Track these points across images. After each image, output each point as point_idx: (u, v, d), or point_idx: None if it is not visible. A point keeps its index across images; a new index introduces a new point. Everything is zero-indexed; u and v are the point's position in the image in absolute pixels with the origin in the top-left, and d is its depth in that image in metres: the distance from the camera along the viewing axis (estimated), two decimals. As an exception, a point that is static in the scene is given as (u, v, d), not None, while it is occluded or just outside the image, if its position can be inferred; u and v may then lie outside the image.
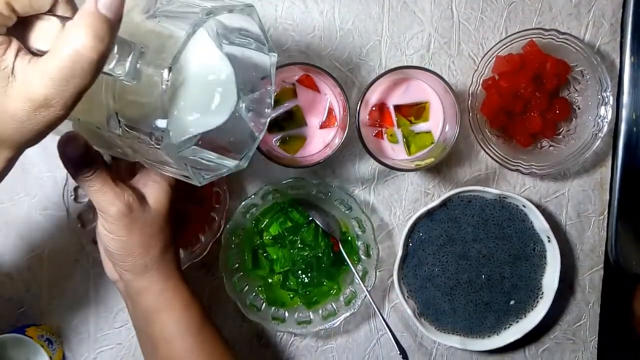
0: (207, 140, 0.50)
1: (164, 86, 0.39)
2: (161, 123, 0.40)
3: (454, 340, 0.70)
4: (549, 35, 0.66)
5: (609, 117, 0.67)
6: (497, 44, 0.67)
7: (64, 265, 0.69)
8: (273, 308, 0.68)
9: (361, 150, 0.64)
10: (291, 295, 0.69)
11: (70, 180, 0.65)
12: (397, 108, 0.67)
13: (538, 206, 0.69)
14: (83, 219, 0.65)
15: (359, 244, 0.69)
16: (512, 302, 0.70)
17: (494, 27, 0.70)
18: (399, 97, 0.67)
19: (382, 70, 0.69)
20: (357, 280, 0.68)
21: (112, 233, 0.50)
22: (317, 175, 0.70)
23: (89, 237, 0.65)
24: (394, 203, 0.71)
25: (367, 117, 0.67)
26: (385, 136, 0.67)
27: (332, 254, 0.68)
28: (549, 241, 0.69)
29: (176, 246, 0.56)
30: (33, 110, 0.35)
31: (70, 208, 0.65)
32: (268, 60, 0.52)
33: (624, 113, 0.71)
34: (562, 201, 0.73)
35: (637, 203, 0.73)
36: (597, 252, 0.73)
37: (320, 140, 0.66)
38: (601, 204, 0.73)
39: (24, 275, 0.68)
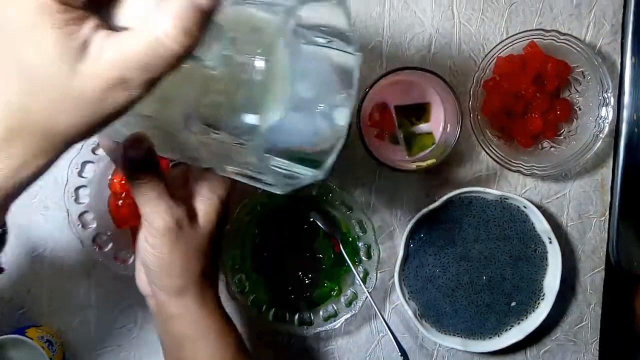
0: (282, 148, 0.45)
1: (260, 77, 0.34)
2: (251, 119, 0.35)
3: (455, 342, 0.70)
4: (549, 36, 0.66)
5: (610, 117, 0.67)
6: (498, 44, 0.67)
7: (65, 266, 0.68)
8: (274, 309, 0.68)
9: (362, 150, 0.64)
10: (292, 297, 0.69)
11: (71, 180, 0.65)
12: (398, 109, 0.67)
13: (539, 207, 0.69)
14: (84, 219, 0.65)
15: (360, 244, 0.69)
16: (513, 304, 0.70)
17: (494, 27, 0.70)
18: (400, 98, 0.67)
19: (383, 70, 0.69)
20: (358, 282, 0.68)
21: (153, 247, 0.47)
22: (318, 176, 0.70)
23: (89, 237, 0.65)
24: (395, 204, 0.71)
25: (368, 117, 0.67)
26: (386, 137, 0.67)
27: (333, 255, 0.68)
28: (550, 242, 0.69)
29: (216, 269, 0.52)
30: (105, 90, 0.31)
31: (71, 209, 0.65)
32: (352, 61, 0.45)
33: (625, 114, 0.71)
34: (563, 202, 0.72)
35: (639, 204, 0.73)
36: (599, 253, 0.73)
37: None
38: (602, 205, 0.73)
39: (24, 276, 0.68)
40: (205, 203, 0.48)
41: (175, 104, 0.38)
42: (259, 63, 0.34)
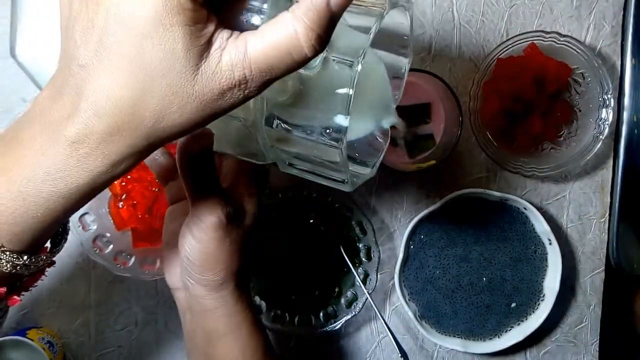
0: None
1: (356, 79, 0.35)
2: (342, 120, 0.36)
3: (455, 343, 0.70)
4: (549, 37, 0.66)
5: (610, 119, 0.67)
6: (498, 46, 0.67)
7: (65, 268, 0.69)
8: (273, 310, 0.68)
9: (362, 152, 0.64)
10: (292, 298, 0.69)
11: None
12: (399, 110, 0.67)
13: (539, 208, 0.69)
14: (84, 221, 0.65)
15: (360, 246, 0.69)
16: (513, 305, 0.70)
17: (494, 29, 0.70)
18: (400, 100, 0.67)
19: (383, 72, 0.69)
20: (358, 283, 0.68)
21: (200, 242, 0.46)
22: (318, 177, 0.70)
23: (90, 239, 0.65)
24: (395, 205, 0.71)
25: (368, 119, 0.67)
26: (386, 138, 0.67)
27: (333, 257, 0.68)
28: (550, 244, 0.69)
29: (247, 266, 0.52)
30: (224, 90, 0.31)
31: (71, 210, 0.65)
32: (404, 63, 0.46)
33: (625, 115, 0.71)
34: (563, 203, 0.72)
35: (638, 205, 0.73)
36: (599, 255, 0.73)
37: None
38: (602, 207, 0.73)
39: (24, 278, 0.68)
40: (250, 199, 0.49)
41: (259, 101, 0.38)
42: (358, 66, 0.35)
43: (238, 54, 0.31)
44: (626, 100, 0.71)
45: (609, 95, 0.66)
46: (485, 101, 0.67)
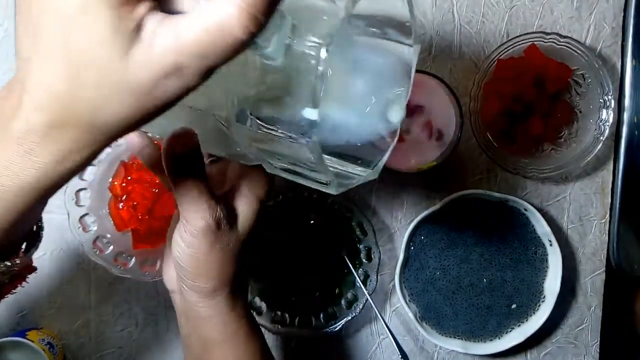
0: (333, 145, 0.42)
1: (321, 67, 0.31)
2: (310, 114, 0.33)
3: (455, 344, 0.70)
4: (550, 38, 0.66)
5: (611, 120, 0.67)
6: (498, 47, 0.67)
7: (65, 269, 0.69)
8: (273, 312, 0.68)
9: (363, 153, 0.64)
10: (292, 299, 0.69)
11: (72, 183, 0.65)
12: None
13: (539, 210, 0.69)
14: (84, 222, 0.65)
15: (360, 247, 0.69)
16: (513, 306, 0.70)
17: (495, 30, 0.70)
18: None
19: (383, 73, 0.69)
20: (358, 284, 0.68)
21: (190, 247, 0.45)
22: (318, 178, 0.70)
23: (90, 240, 0.65)
24: (396, 206, 0.71)
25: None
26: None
27: (333, 258, 0.68)
28: (550, 245, 0.69)
29: (245, 273, 0.50)
30: (158, 78, 0.29)
31: (72, 211, 0.65)
32: (409, 52, 0.42)
33: (626, 116, 0.71)
34: (563, 205, 0.72)
35: (639, 206, 0.73)
36: (599, 256, 0.73)
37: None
38: (603, 208, 0.73)
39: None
40: (245, 204, 0.47)
41: (228, 97, 0.36)
42: (322, 53, 0.32)
43: (170, 39, 0.29)
44: (626, 101, 0.71)
45: (610, 96, 0.66)
46: (486, 102, 0.67)
